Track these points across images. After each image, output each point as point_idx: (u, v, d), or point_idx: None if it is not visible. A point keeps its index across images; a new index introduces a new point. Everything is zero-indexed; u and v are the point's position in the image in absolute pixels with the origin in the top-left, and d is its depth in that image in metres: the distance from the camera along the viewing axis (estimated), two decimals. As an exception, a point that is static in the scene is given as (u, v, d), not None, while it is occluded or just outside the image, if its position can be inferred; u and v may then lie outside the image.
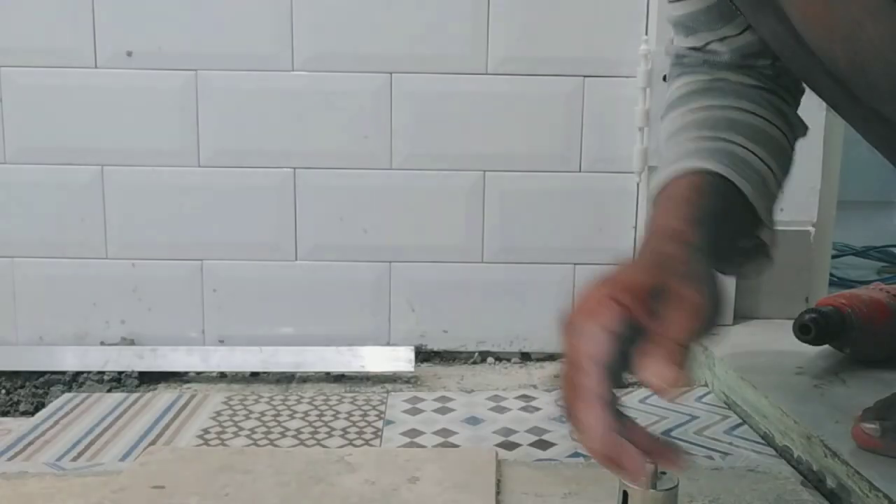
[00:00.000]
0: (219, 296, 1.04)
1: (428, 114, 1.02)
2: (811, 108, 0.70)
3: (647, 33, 0.99)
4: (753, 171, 0.60)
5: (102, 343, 1.03)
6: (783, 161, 0.64)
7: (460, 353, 1.06)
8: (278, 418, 0.84)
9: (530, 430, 0.81)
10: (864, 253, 1.73)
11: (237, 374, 0.99)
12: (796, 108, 0.69)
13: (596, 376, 0.45)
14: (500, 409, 0.87)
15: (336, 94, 1.01)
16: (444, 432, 0.81)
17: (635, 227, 1.04)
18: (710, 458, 0.73)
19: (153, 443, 0.77)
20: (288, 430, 0.81)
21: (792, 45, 0.53)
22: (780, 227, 1.05)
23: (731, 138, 0.61)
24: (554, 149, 1.03)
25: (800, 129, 0.69)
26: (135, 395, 0.90)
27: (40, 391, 0.95)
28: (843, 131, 1.06)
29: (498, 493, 0.64)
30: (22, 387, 0.96)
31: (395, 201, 1.03)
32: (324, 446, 0.77)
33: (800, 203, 1.06)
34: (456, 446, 0.77)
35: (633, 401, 0.88)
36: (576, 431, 0.46)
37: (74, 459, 0.73)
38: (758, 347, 0.95)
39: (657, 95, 0.97)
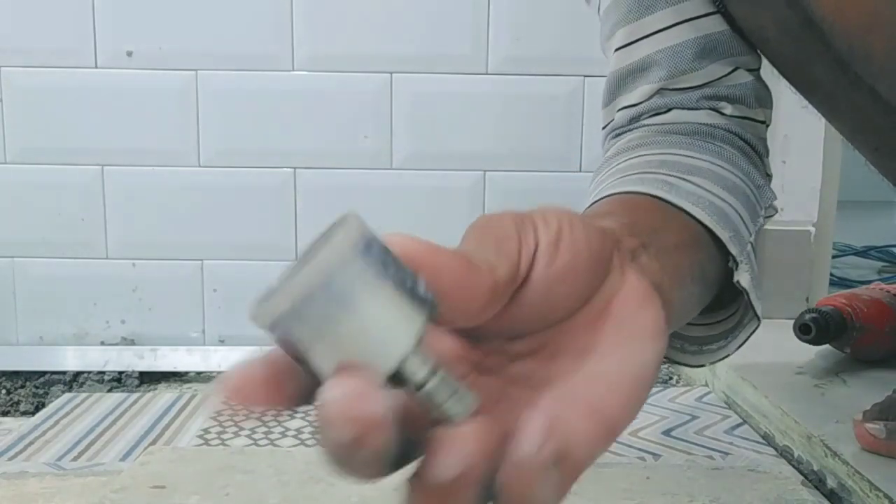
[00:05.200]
0: (219, 296, 1.04)
1: (428, 114, 1.01)
2: (810, 108, 0.70)
3: (647, 33, 0.99)
4: (704, 195, 0.46)
5: (102, 343, 1.03)
6: (746, 202, 0.50)
7: (460, 353, 1.06)
8: (278, 418, 0.84)
9: (530, 430, 0.81)
10: (864, 253, 1.73)
11: (237, 374, 0.99)
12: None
13: None
14: (501, 409, 0.87)
15: (336, 94, 1.01)
16: (445, 432, 0.80)
17: (635, 227, 1.04)
18: (711, 457, 0.73)
19: (153, 443, 0.77)
20: (288, 429, 0.81)
21: (796, 31, 0.51)
22: (780, 227, 1.07)
23: (669, 172, 0.47)
24: (554, 149, 1.03)
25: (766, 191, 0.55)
26: (135, 395, 0.90)
27: (40, 391, 0.95)
28: (844, 131, 1.06)
29: (498, 493, 0.64)
30: (22, 387, 0.96)
31: (395, 201, 1.03)
32: (324, 446, 0.77)
33: (800, 203, 1.06)
34: (456, 446, 0.77)
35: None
36: None
37: (74, 459, 0.73)
38: (758, 347, 0.94)
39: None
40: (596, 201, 0.47)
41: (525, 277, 0.29)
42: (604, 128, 0.61)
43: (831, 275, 1.17)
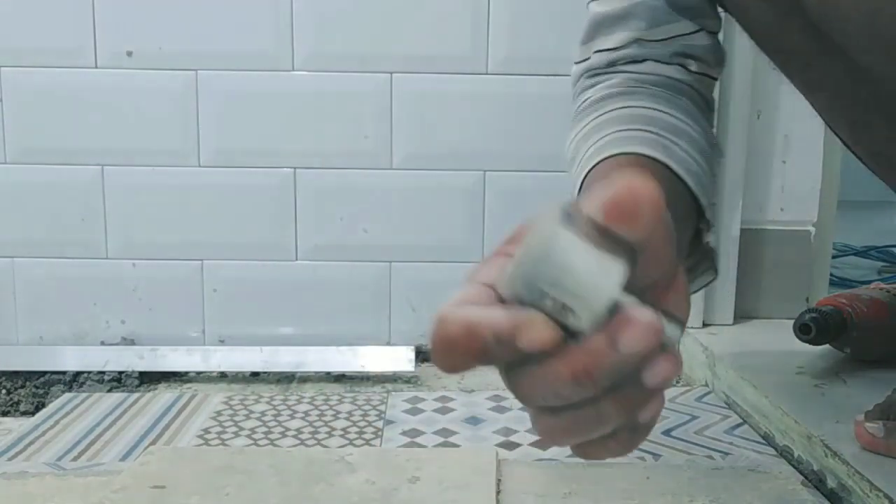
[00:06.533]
0: (219, 296, 1.04)
1: (428, 114, 1.01)
2: (809, 108, 0.70)
3: (647, 33, 0.99)
4: (691, 163, 0.53)
5: (102, 343, 1.03)
6: (709, 160, 0.57)
7: (460, 353, 1.06)
8: (279, 418, 0.84)
9: (531, 430, 0.81)
10: (864, 253, 1.73)
11: (237, 373, 0.99)
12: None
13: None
14: (501, 409, 0.87)
15: (336, 94, 1.01)
16: (445, 432, 0.81)
17: (635, 227, 1.04)
18: (711, 457, 0.73)
19: (153, 443, 0.77)
20: (288, 429, 0.81)
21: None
22: (780, 227, 1.07)
23: (659, 132, 0.54)
24: (554, 148, 1.03)
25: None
26: (135, 395, 0.90)
27: (40, 391, 0.95)
28: (844, 131, 1.06)
29: (498, 492, 0.64)
30: (22, 387, 0.96)
31: (395, 201, 1.03)
32: (324, 446, 0.77)
33: (800, 203, 1.06)
34: (456, 446, 0.77)
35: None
36: None
37: (74, 459, 0.73)
38: (758, 347, 0.95)
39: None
40: (608, 157, 0.52)
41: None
42: (578, 62, 0.66)
43: (831, 275, 1.17)
